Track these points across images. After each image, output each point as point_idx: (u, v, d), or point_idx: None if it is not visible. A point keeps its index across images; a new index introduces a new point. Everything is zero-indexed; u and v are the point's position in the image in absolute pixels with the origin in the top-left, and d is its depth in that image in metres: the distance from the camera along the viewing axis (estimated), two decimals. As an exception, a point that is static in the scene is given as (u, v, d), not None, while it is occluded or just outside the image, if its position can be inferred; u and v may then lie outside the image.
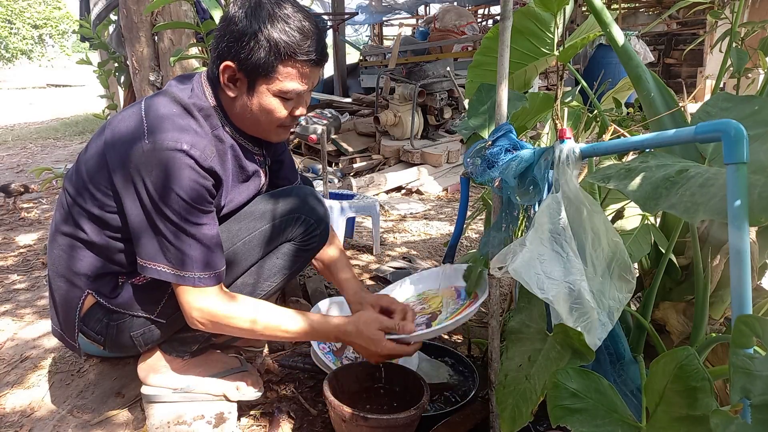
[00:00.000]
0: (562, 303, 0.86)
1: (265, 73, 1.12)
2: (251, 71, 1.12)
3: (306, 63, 1.14)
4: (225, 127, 1.22)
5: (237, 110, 1.20)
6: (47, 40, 27.85)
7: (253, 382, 1.38)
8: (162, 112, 1.13)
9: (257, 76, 1.13)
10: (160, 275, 1.13)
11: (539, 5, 1.18)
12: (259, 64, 1.11)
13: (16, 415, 1.43)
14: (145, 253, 1.13)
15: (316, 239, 1.34)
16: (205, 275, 1.13)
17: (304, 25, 1.12)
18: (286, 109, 1.18)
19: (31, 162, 5.35)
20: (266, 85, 1.14)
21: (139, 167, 1.09)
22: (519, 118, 1.31)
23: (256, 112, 1.18)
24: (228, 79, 1.15)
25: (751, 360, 0.63)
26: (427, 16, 9.24)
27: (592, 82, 1.65)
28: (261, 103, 1.16)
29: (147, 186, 1.09)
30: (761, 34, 1.40)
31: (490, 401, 1.16)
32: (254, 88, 1.15)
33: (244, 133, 1.25)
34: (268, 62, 1.11)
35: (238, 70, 1.13)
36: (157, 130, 1.10)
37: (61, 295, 1.26)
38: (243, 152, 1.26)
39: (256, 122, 1.20)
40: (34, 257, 2.58)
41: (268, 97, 1.16)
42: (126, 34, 2.47)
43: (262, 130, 1.23)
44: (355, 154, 4.53)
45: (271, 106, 1.17)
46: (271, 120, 1.19)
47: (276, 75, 1.13)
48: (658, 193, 0.77)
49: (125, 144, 1.12)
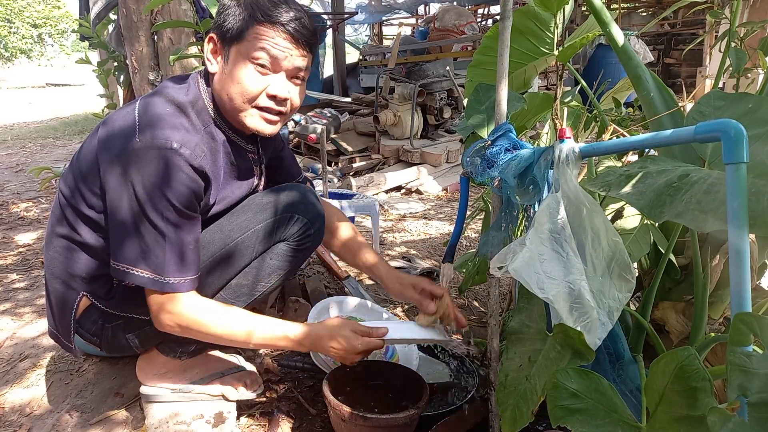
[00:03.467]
0: (562, 302, 0.86)
1: (239, 36, 1.12)
2: (228, 38, 1.13)
3: (279, 28, 1.11)
4: (217, 123, 1.20)
5: (218, 88, 1.17)
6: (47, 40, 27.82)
7: (252, 381, 1.38)
8: (155, 111, 1.12)
9: (232, 42, 1.13)
10: (135, 280, 1.09)
11: (539, 5, 1.18)
12: (234, 27, 1.12)
13: (15, 414, 1.42)
14: (123, 256, 1.10)
15: (311, 238, 1.31)
16: (178, 280, 1.10)
17: (290, 5, 1.13)
18: (259, 83, 1.14)
19: (30, 161, 5.34)
20: (238, 48, 1.13)
21: (127, 165, 1.07)
22: (518, 118, 1.31)
23: (230, 87, 1.14)
24: (211, 52, 1.17)
25: (748, 358, 0.63)
26: (427, 16, 9.23)
27: (591, 82, 1.65)
28: (234, 71, 1.13)
29: (136, 186, 1.06)
30: (761, 34, 1.40)
31: (490, 401, 1.16)
32: (229, 55, 1.14)
33: (236, 129, 1.23)
34: (242, 25, 1.11)
35: (217, 40, 1.15)
36: (149, 128, 1.08)
37: (57, 297, 1.25)
38: (235, 149, 1.24)
39: (232, 100, 1.16)
40: (34, 256, 2.58)
41: (241, 64, 1.13)
42: (125, 33, 2.47)
43: (237, 108, 1.17)
44: (354, 153, 4.53)
45: (243, 74, 1.13)
46: (243, 92, 1.14)
47: (247, 36, 1.12)
48: (661, 201, 0.77)
49: (117, 143, 1.11)
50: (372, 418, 1.14)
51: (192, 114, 1.15)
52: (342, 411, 1.15)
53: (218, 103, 1.20)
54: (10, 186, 4.18)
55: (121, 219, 1.09)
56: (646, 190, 0.80)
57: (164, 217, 1.08)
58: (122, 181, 1.08)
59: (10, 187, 4.15)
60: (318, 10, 9.09)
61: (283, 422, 1.36)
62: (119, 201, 1.09)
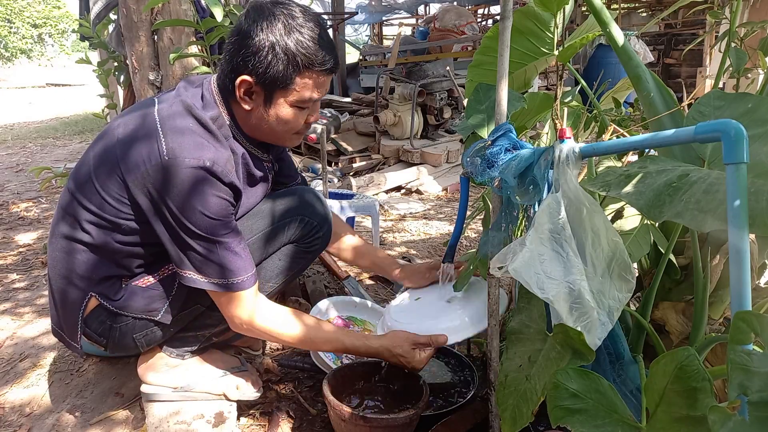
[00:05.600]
0: (562, 303, 0.86)
1: (283, 85, 1.14)
2: (269, 84, 1.13)
3: (322, 72, 1.15)
4: (236, 136, 1.23)
5: (252, 121, 1.21)
6: (47, 40, 27.80)
7: (252, 381, 1.38)
8: (179, 127, 1.12)
9: (275, 89, 1.14)
10: (195, 284, 1.15)
11: (539, 5, 1.18)
12: (277, 77, 1.12)
13: (15, 413, 1.43)
14: (179, 262, 1.15)
15: (318, 241, 1.35)
16: (238, 280, 1.15)
17: (318, 34, 1.13)
18: (301, 118, 1.21)
19: (30, 161, 5.35)
20: (284, 97, 1.16)
21: (160, 186, 1.09)
22: (519, 118, 1.31)
23: (272, 123, 1.19)
24: (244, 93, 1.16)
25: (749, 357, 0.63)
26: (427, 16, 9.22)
27: (591, 82, 1.65)
28: (278, 114, 1.18)
29: (170, 207, 1.09)
30: (761, 34, 1.40)
31: (490, 401, 1.16)
32: (272, 100, 1.16)
33: (253, 140, 1.26)
34: (286, 75, 1.12)
35: (256, 84, 1.14)
36: (177, 147, 1.09)
37: (63, 297, 1.25)
38: (253, 160, 1.28)
39: (272, 132, 1.22)
40: (34, 256, 2.58)
41: (285, 108, 1.17)
42: (125, 33, 2.47)
43: (278, 138, 1.25)
44: (354, 153, 4.53)
45: (289, 116, 1.18)
46: (288, 129, 1.22)
47: (293, 86, 1.14)
48: (661, 200, 0.77)
49: (140, 154, 1.11)
50: (372, 418, 1.14)
51: (215, 128, 1.17)
52: (342, 411, 1.15)
53: (244, 126, 1.23)
54: (10, 186, 4.18)
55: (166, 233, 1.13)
56: (646, 189, 0.80)
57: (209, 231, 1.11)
58: (154, 196, 1.11)
59: (10, 187, 4.16)
60: (318, 10, 9.09)
61: (283, 422, 1.36)
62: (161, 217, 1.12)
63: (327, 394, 1.19)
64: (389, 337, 1.25)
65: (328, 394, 1.19)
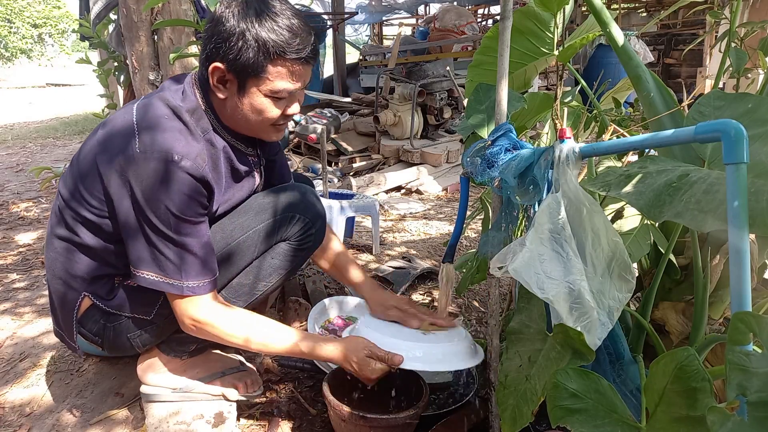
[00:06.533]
0: (562, 303, 0.86)
1: (254, 73, 1.10)
2: (241, 72, 1.11)
3: (296, 61, 1.12)
4: (216, 129, 1.20)
5: (228, 111, 1.18)
6: (47, 39, 27.79)
7: (252, 381, 1.38)
8: (154, 117, 1.12)
9: (247, 77, 1.11)
10: (150, 284, 1.13)
11: (539, 5, 1.18)
12: (248, 64, 1.09)
13: (15, 413, 1.42)
14: (136, 260, 1.13)
15: (311, 238, 1.32)
16: (196, 284, 1.13)
17: (293, 23, 1.10)
18: (278, 109, 1.17)
19: (30, 161, 5.34)
20: (257, 86, 1.12)
21: (129, 173, 1.08)
22: (519, 118, 1.31)
23: (247, 113, 1.16)
24: (217, 81, 1.14)
25: (747, 357, 0.63)
26: (427, 16, 9.22)
27: (591, 82, 1.65)
28: (252, 103, 1.14)
29: (136, 194, 1.08)
30: (761, 34, 1.40)
31: (490, 401, 1.16)
32: (245, 89, 1.13)
33: (236, 134, 1.23)
34: (257, 62, 1.09)
35: (228, 71, 1.11)
36: (149, 136, 1.08)
37: (59, 297, 1.26)
38: (236, 153, 1.24)
39: (248, 122, 1.19)
40: (34, 256, 2.58)
41: (259, 97, 1.14)
42: (125, 33, 2.47)
43: (255, 129, 1.21)
44: (354, 153, 4.52)
45: (263, 106, 1.15)
46: (263, 120, 1.17)
47: (266, 75, 1.11)
48: (661, 200, 0.77)
49: (116, 148, 1.11)
50: (372, 418, 1.14)
51: (190, 120, 1.15)
52: (342, 411, 1.15)
53: (220, 114, 1.20)
54: (10, 186, 4.18)
55: (129, 227, 1.12)
56: (646, 190, 0.80)
57: (171, 227, 1.09)
58: (124, 188, 1.09)
59: (10, 187, 4.15)
60: (318, 10, 9.09)
61: (283, 422, 1.36)
62: (126, 210, 1.11)
63: (327, 394, 1.19)
64: (347, 341, 1.21)
65: (328, 394, 1.19)
